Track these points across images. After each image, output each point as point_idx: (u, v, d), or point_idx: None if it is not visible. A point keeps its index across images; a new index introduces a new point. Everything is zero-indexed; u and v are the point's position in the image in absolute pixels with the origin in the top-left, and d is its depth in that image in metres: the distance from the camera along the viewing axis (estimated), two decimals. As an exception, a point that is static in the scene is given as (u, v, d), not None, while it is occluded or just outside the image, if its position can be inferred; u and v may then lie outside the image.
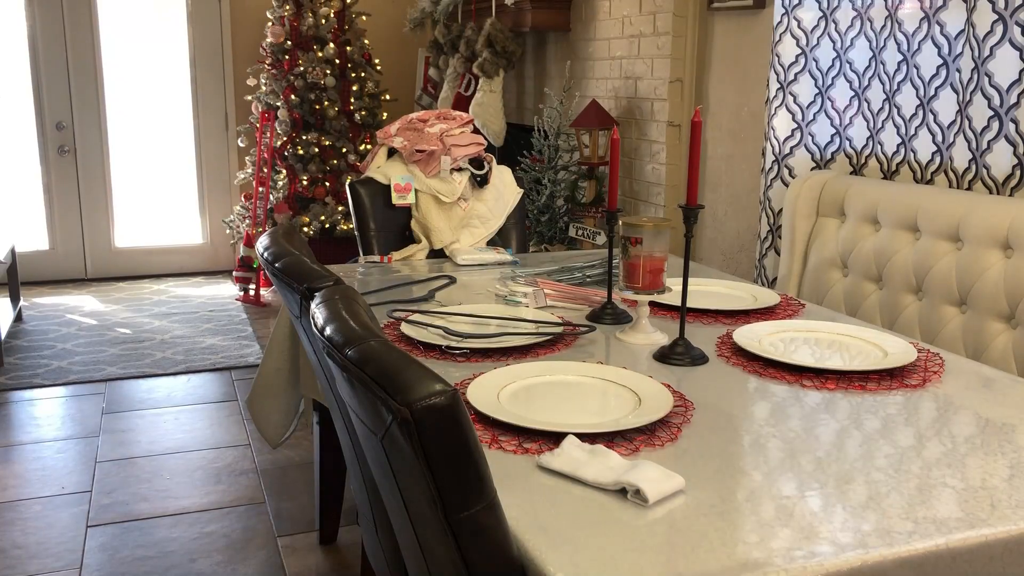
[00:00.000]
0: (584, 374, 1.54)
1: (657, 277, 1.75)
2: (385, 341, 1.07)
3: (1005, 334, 2.06)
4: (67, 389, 3.98)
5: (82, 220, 5.91)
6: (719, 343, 1.79)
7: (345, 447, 1.60)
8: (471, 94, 4.84)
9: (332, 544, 2.70)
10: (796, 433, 1.34)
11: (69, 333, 4.76)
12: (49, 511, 2.90)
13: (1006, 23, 2.15)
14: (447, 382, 0.95)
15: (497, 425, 1.34)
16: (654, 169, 3.78)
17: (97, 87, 5.78)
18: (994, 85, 2.19)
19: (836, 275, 2.59)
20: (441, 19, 5.12)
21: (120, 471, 3.18)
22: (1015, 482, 1.19)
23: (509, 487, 1.15)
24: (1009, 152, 2.18)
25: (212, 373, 4.20)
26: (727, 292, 2.18)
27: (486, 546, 0.99)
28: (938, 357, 1.72)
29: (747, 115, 3.30)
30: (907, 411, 1.44)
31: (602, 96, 4.12)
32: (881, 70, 2.56)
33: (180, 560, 2.62)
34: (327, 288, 1.35)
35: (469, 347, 1.70)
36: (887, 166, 2.58)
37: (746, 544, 1.03)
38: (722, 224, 3.48)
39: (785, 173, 2.90)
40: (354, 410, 1.15)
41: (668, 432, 1.33)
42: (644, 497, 1.11)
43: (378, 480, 1.25)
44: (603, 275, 2.33)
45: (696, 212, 1.66)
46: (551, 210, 4.11)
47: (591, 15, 4.23)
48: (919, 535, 1.05)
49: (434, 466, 0.94)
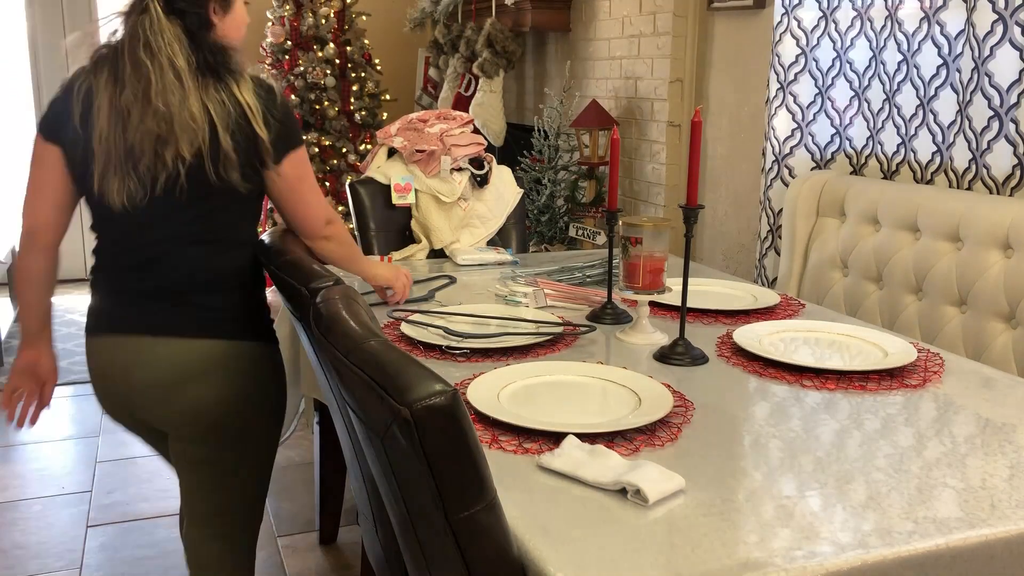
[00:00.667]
0: (584, 374, 1.54)
1: (657, 277, 1.75)
2: (385, 341, 1.07)
3: (1005, 334, 2.06)
4: (67, 389, 3.98)
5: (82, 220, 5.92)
6: (719, 343, 1.79)
7: (345, 447, 1.60)
8: (471, 94, 4.84)
9: (332, 544, 2.70)
10: (796, 433, 1.34)
11: (69, 333, 4.76)
12: (49, 511, 2.90)
13: (1006, 23, 2.15)
14: (447, 382, 0.95)
15: (497, 425, 1.34)
16: (654, 169, 3.78)
17: (97, 87, 5.79)
18: (994, 85, 2.19)
19: (836, 275, 2.59)
20: (441, 19, 5.12)
21: (120, 471, 3.18)
22: (1015, 482, 1.19)
23: (509, 487, 1.15)
24: (1009, 152, 2.18)
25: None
26: (727, 292, 2.18)
27: (486, 546, 0.99)
28: (938, 357, 1.72)
29: (747, 115, 3.30)
30: (907, 411, 1.44)
31: (602, 96, 4.12)
32: (881, 70, 2.56)
33: (180, 560, 2.62)
34: (327, 288, 1.35)
35: (469, 347, 1.70)
36: (887, 166, 2.58)
37: (746, 544, 1.03)
38: (722, 224, 3.48)
39: (785, 173, 2.90)
40: (354, 410, 1.15)
41: (668, 432, 1.33)
42: (644, 497, 1.11)
43: (378, 480, 1.25)
44: (603, 275, 2.33)
45: (696, 212, 1.66)
46: (551, 210, 4.11)
47: (591, 15, 4.23)
48: (919, 535, 1.05)
49: (434, 466, 0.94)
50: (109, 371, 1.68)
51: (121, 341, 1.66)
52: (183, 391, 1.65)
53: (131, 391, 1.67)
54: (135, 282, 1.66)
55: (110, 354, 1.67)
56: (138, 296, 1.66)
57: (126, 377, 1.66)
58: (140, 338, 1.64)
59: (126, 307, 1.67)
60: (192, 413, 1.67)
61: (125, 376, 1.66)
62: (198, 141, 1.56)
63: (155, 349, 1.64)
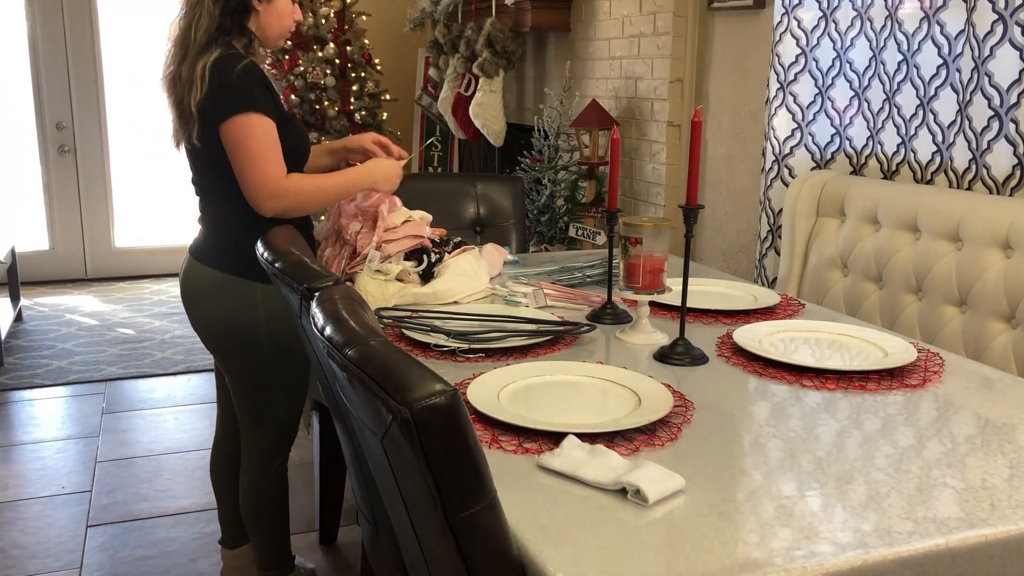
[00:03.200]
0: (584, 374, 1.54)
1: (657, 277, 1.75)
2: (385, 341, 1.07)
3: (1005, 334, 2.06)
4: (67, 389, 3.98)
5: (82, 220, 5.92)
6: (719, 343, 1.79)
7: (345, 447, 1.60)
8: (471, 94, 4.84)
9: (332, 544, 2.70)
10: (796, 433, 1.34)
11: (69, 333, 4.76)
12: (49, 511, 2.90)
13: (1006, 23, 2.15)
14: (447, 382, 0.95)
15: (497, 425, 1.34)
16: (654, 169, 3.78)
17: (97, 87, 5.78)
18: (994, 85, 2.19)
19: (836, 275, 2.59)
20: (441, 19, 5.12)
21: (120, 471, 3.18)
22: (1015, 482, 1.19)
23: (509, 487, 1.15)
24: (1009, 152, 2.18)
25: (212, 373, 4.20)
26: (727, 292, 2.18)
27: (486, 546, 0.99)
28: (938, 357, 1.72)
29: (747, 115, 3.30)
30: (907, 411, 1.44)
31: (602, 96, 4.12)
32: (881, 70, 2.56)
33: (180, 560, 2.62)
34: (327, 288, 1.35)
35: (469, 347, 1.70)
36: (887, 166, 2.58)
37: (746, 544, 1.03)
38: (722, 224, 3.48)
39: (785, 173, 2.90)
40: (354, 410, 1.15)
41: (668, 432, 1.33)
42: (644, 497, 1.11)
43: (378, 480, 1.25)
44: (603, 275, 2.33)
45: (696, 212, 1.65)
46: (551, 210, 4.11)
47: (591, 15, 4.23)
48: (919, 535, 1.06)
49: (434, 466, 0.94)
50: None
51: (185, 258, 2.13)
52: (196, 306, 2.07)
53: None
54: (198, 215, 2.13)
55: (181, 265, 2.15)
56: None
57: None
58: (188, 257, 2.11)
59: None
60: (198, 326, 2.09)
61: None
62: (179, 98, 1.90)
63: (187, 266, 2.11)
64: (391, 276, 2.03)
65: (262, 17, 1.97)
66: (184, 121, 1.92)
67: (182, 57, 1.90)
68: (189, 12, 1.90)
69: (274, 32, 2.01)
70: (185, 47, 1.90)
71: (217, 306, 2.03)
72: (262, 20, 1.97)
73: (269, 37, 2.02)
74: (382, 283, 2.01)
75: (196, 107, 1.87)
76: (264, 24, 1.98)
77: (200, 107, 1.88)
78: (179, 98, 1.91)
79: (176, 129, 1.97)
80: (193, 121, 1.89)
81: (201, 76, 1.87)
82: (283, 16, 2.01)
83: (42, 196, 5.82)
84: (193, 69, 1.87)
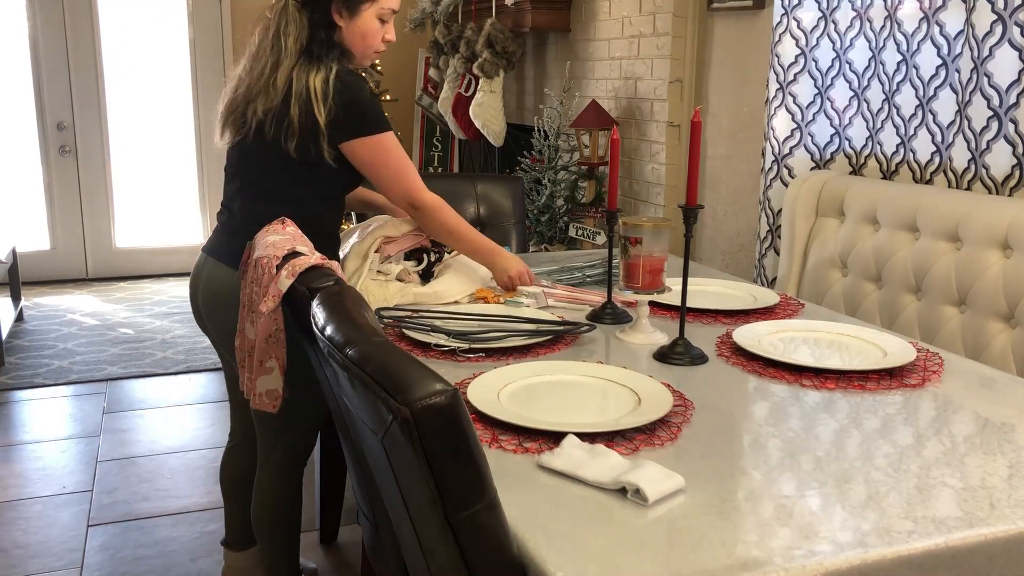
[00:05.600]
0: (584, 374, 1.55)
1: (657, 277, 1.76)
2: (385, 341, 1.07)
3: (1004, 334, 2.07)
4: (68, 389, 3.98)
5: (83, 220, 5.92)
6: (719, 343, 1.79)
7: (345, 447, 1.60)
8: (471, 94, 4.84)
9: (332, 543, 2.71)
10: (796, 433, 1.35)
11: (70, 333, 4.77)
12: (50, 510, 2.90)
13: (1005, 23, 2.15)
14: (447, 382, 0.95)
15: (497, 425, 1.34)
16: (654, 169, 3.78)
17: (98, 87, 5.79)
18: (993, 85, 2.20)
19: (836, 275, 2.59)
20: (441, 19, 5.12)
21: (121, 471, 3.19)
22: (1014, 482, 1.19)
23: (509, 487, 1.15)
24: (1008, 152, 2.19)
25: (213, 373, 4.21)
26: (727, 292, 2.19)
27: (486, 545, 0.99)
28: (937, 357, 1.72)
29: (747, 115, 3.30)
30: (906, 411, 1.44)
31: (602, 96, 4.12)
32: (881, 70, 2.56)
33: (181, 559, 2.62)
34: (327, 288, 1.35)
35: (469, 347, 1.70)
36: (887, 166, 2.58)
37: (746, 543, 1.03)
38: (722, 224, 3.49)
39: (785, 173, 2.90)
40: (355, 410, 1.16)
41: (668, 432, 1.34)
42: (644, 496, 1.11)
43: (378, 480, 1.26)
44: (603, 275, 2.33)
45: (696, 212, 1.66)
46: (551, 210, 4.12)
47: (591, 15, 4.23)
48: (918, 534, 1.06)
49: (434, 466, 0.95)
50: (192, 280, 2.11)
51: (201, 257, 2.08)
52: (222, 312, 2.01)
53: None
54: (221, 213, 2.07)
55: (196, 267, 2.09)
56: (218, 221, 2.07)
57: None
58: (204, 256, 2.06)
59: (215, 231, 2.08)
60: (224, 334, 2.02)
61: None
62: (270, 105, 1.88)
63: (207, 268, 2.04)
64: (391, 276, 2.04)
65: (345, 33, 1.95)
66: (284, 128, 1.87)
67: (275, 64, 1.88)
68: (276, 20, 1.90)
69: (358, 50, 1.98)
70: (277, 54, 1.88)
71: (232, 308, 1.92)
72: (345, 36, 1.95)
73: (355, 54, 1.99)
74: (382, 283, 2.02)
75: (325, 122, 1.86)
76: (348, 40, 1.95)
77: (331, 121, 1.86)
78: (272, 105, 1.87)
79: (262, 128, 1.90)
80: (318, 133, 1.87)
81: (324, 90, 1.85)
82: (366, 35, 1.97)
83: (43, 196, 5.83)
84: (306, 80, 1.86)
